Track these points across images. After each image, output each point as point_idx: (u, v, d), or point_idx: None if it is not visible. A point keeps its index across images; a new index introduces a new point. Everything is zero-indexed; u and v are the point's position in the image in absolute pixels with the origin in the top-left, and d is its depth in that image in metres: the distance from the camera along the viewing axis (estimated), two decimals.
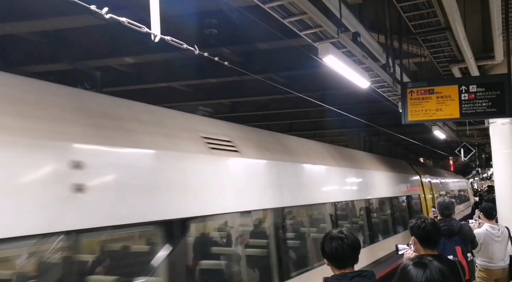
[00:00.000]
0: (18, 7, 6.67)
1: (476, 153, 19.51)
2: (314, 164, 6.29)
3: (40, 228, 2.28)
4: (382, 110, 13.05)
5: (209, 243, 4.35)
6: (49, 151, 2.45)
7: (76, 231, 2.47)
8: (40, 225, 2.29)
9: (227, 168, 4.12)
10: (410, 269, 2.12)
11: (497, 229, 6.13)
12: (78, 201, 2.51)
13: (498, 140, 7.78)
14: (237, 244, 4.55)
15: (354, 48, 5.39)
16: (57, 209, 2.39)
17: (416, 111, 6.23)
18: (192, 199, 3.45)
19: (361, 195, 7.98)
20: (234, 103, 13.93)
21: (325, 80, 9.80)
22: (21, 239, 2.21)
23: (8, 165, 2.23)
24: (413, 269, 2.11)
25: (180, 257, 3.22)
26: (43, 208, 2.33)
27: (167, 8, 3.37)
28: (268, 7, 4.02)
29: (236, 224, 4.50)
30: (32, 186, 2.35)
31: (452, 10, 4.74)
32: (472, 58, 6.38)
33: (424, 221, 3.57)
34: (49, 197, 2.37)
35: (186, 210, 3.34)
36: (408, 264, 2.16)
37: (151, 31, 2.82)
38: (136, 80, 10.08)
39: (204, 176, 3.68)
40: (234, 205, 4.04)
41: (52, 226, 2.34)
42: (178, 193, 3.34)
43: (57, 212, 2.38)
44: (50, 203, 2.37)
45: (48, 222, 2.33)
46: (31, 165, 2.38)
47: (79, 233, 2.49)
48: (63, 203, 2.43)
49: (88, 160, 2.61)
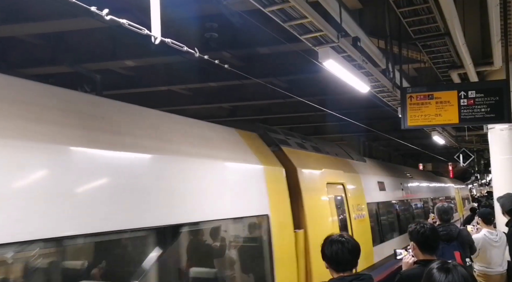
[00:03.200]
0: (19, 10, 6.69)
1: (475, 159, 19.52)
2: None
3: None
4: (382, 115, 13.07)
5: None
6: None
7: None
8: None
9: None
10: (433, 272, 2.15)
11: (495, 234, 6.13)
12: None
13: (496, 146, 7.80)
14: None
15: (354, 53, 5.42)
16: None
17: (416, 116, 6.24)
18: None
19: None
20: (234, 107, 13.94)
21: (325, 84, 9.83)
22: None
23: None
24: (437, 273, 2.13)
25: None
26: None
27: (168, 12, 3.39)
28: (269, 11, 4.05)
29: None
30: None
31: (452, 16, 4.77)
32: (471, 64, 6.41)
33: (423, 226, 3.58)
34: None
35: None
36: (432, 268, 2.18)
37: (152, 33, 2.83)
38: (136, 83, 10.10)
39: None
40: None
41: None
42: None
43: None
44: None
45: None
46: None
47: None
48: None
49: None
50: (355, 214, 7.08)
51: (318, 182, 6.06)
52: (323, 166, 6.50)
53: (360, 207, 7.38)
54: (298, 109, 12.80)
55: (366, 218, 7.62)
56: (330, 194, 6.32)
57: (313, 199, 5.67)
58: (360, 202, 7.52)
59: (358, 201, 7.41)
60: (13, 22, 6.83)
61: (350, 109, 12.03)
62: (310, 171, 5.94)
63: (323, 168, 6.38)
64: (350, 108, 12.06)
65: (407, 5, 4.83)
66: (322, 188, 6.09)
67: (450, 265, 2.16)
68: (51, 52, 8.36)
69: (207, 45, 7.14)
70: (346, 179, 7.10)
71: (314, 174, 6.06)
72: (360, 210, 7.37)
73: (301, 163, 5.74)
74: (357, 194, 7.54)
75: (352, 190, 7.32)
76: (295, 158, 5.65)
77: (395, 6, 4.86)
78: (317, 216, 5.68)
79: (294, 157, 5.65)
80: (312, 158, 6.41)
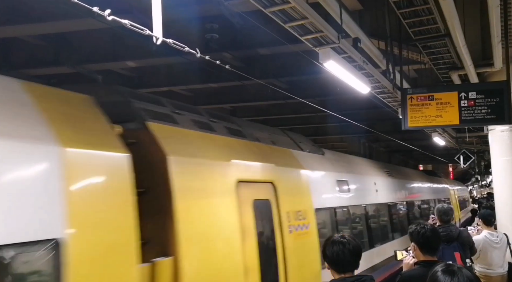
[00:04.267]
0: (21, 10, 6.71)
1: (475, 160, 19.51)
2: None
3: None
4: (382, 117, 13.07)
5: None
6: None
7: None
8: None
9: None
10: (438, 275, 2.12)
11: (496, 235, 6.14)
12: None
13: (497, 147, 7.80)
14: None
15: (355, 54, 5.43)
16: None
17: (416, 117, 6.25)
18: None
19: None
20: (235, 108, 13.95)
21: (325, 85, 9.84)
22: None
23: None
24: (442, 275, 2.11)
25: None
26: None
27: (169, 13, 3.40)
28: (270, 11, 4.06)
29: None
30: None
31: (452, 17, 4.77)
32: (471, 65, 6.42)
33: (424, 227, 3.58)
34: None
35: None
36: (437, 270, 2.15)
37: (153, 33, 2.85)
38: (137, 84, 10.11)
39: None
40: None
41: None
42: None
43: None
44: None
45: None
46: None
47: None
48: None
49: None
50: (292, 225, 5.18)
51: (217, 179, 4.18)
52: (234, 155, 4.59)
53: (301, 216, 5.46)
54: (298, 110, 12.82)
55: (312, 231, 5.63)
56: (244, 198, 4.42)
57: (199, 207, 3.80)
58: (303, 208, 5.54)
59: (298, 206, 5.44)
60: (15, 23, 6.85)
61: (351, 110, 12.03)
62: (200, 162, 4.04)
63: (231, 159, 4.48)
64: (351, 109, 12.06)
65: (407, 6, 4.84)
66: (226, 189, 4.22)
67: (455, 268, 2.13)
68: (53, 53, 8.38)
69: (207, 46, 7.16)
70: (278, 176, 5.16)
71: (210, 167, 4.13)
72: (302, 220, 5.44)
73: (182, 148, 3.88)
74: (298, 198, 5.58)
75: (289, 191, 5.36)
76: (171, 140, 3.79)
77: (395, 7, 4.87)
78: (206, 234, 3.79)
79: (169, 138, 3.77)
80: (210, 143, 4.45)
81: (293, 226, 5.19)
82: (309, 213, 5.68)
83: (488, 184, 32.97)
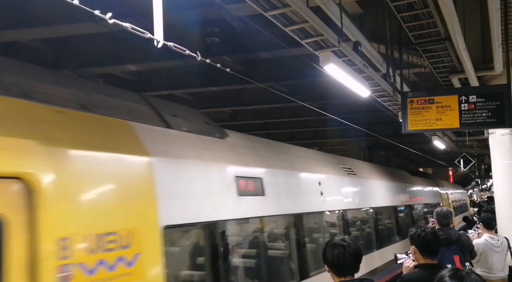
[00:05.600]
0: (22, 14, 6.74)
1: (476, 164, 19.51)
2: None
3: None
4: (382, 120, 13.09)
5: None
6: None
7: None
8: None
9: None
10: (446, 280, 2.09)
11: (496, 239, 6.13)
12: None
13: (497, 151, 7.80)
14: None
15: (355, 57, 5.44)
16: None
17: (416, 120, 6.26)
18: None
19: None
20: (235, 112, 13.98)
21: (326, 89, 9.85)
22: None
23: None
24: (450, 281, 2.08)
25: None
26: None
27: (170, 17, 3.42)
28: (270, 15, 4.07)
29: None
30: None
31: (452, 21, 4.79)
32: (471, 68, 6.43)
33: (424, 230, 3.57)
34: None
35: None
36: (444, 275, 2.12)
37: (154, 36, 2.86)
38: (138, 88, 10.12)
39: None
40: None
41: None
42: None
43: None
44: None
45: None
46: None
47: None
48: None
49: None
50: (80, 263, 2.58)
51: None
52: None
53: (118, 242, 2.87)
54: (298, 113, 12.84)
55: (144, 268, 3.01)
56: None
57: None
58: (127, 227, 2.97)
59: (112, 224, 2.88)
60: (17, 27, 6.87)
61: (351, 114, 12.05)
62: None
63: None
64: (351, 113, 12.08)
65: (407, 10, 4.86)
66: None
67: (463, 273, 2.10)
68: (54, 56, 8.40)
69: (208, 50, 7.18)
70: (46, 165, 2.56)
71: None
72: (118, 249, 2.86)
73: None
74: (112, 207, 2.95)
75: (81, 195, 2.76)
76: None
77: (395, 11, 4.88)
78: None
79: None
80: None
81: (83, 264, 2.62)
82: (145, 236, 3.12)
83: (488, 187, 32.92)
